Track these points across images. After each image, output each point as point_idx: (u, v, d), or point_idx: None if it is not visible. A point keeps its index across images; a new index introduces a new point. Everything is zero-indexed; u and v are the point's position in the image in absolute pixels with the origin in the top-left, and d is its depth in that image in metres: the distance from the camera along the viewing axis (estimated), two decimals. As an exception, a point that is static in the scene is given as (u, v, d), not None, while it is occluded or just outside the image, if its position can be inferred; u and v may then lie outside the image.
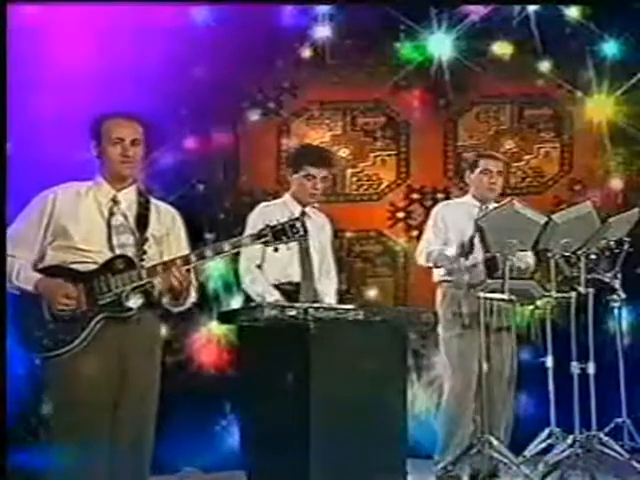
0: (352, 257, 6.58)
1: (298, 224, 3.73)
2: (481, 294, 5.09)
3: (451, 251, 5.32)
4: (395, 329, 4.73)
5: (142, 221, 3.76)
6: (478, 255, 5.27)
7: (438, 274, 5.48)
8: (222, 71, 6.00)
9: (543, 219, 5.12)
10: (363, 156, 6.66)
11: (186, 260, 3.67)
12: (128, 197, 3.79)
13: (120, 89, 5.39)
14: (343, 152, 6.61)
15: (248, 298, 4.99)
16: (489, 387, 5.15)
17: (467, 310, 5.32)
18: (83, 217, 3.71)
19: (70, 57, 5.45)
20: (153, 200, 3.88)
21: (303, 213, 5.04)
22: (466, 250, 5.25)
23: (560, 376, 5.16)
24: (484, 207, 5.47)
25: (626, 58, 6.45)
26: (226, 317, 5.10)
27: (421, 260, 5.51)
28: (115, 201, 3.76)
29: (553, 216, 5.17)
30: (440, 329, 5.38)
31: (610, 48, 6.47)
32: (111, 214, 3.73)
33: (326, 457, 4.35)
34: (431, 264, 5.45)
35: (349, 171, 6.65)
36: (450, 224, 5.47)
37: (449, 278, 5.40)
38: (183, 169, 5.81)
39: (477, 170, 5.52)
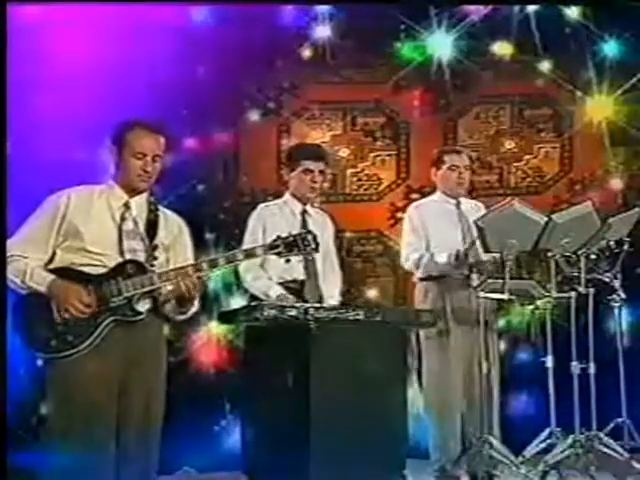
0: (352, 257, 6.57)
1: (310, 237, 3.77)
2: (481, 294, 5.09)
3: (440, 258, 5.31)
4: (395, 329, 4.73)
5: (152, 228, 3.78)
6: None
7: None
8: (222, 71, 6.01)
9: (543, 219, 5.11)
10: (363, 156, 6.66)
11: (198, 268, 3.70)
12: (140, 203, 3.80)
13: (120, 89, 5.40)
14: (343, 152, 6.61)
15: (252, 297, 4.99)
16: (475, 386, 5.15)
17: (450, 308, 5.32)
18: (95, 220, 3.71)
19: (70, 57, 5.45)
20: (161, 208, 3.89)
21: (304, 212, 5.04)
22: (460, 262, 5.25)
23: (560, 376, 5.15)
24: (457, 202, 5.49)
25: (626, 58, 6.45)
26: (226, 317, 5.10)
27: (409, 266, 5.48)
28: (127, 206, 3.77)
29: (553, 216, 5.16)
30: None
31: (610, 48, 6.48)
32: (122, 219, 3.74)
33: (326, 457, 4.35)
34: (420, 271, 5.42)
35: (349, 171, 6.65)
36: (427, 222, 5.46)
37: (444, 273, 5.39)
38: (183, 169, 5.80)
39: (444, 167, 5.50)
